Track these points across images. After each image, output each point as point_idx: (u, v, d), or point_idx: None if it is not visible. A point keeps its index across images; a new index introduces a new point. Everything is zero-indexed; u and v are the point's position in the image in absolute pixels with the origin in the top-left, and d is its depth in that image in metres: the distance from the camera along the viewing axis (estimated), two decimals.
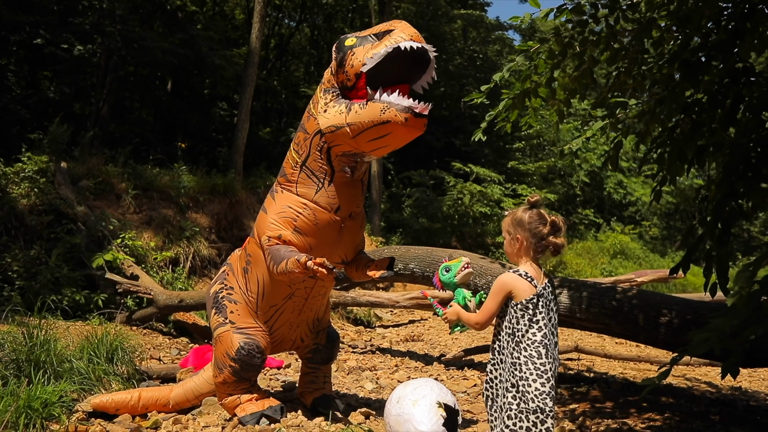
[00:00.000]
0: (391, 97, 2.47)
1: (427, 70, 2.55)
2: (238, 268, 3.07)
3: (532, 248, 2.10)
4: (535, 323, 2.01)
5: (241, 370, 2.89)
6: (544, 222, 2.09)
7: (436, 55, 2.51)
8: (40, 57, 10.51)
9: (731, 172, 2.56)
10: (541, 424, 1.95)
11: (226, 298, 3.04)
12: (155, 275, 6.64)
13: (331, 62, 2.77)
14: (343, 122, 2.60)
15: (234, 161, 10.71)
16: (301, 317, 3.08)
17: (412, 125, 2.46)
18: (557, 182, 17.79)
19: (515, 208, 2.20)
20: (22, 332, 3.42)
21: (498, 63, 18.12)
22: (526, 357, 1.99)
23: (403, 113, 2.44)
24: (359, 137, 2.58)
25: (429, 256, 4.82)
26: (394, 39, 2.45)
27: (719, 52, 2.67)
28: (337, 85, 2.70)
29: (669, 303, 3.68)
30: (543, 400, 1.95)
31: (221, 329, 2.98)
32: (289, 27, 17.89)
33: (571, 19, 3.26)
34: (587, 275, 13.05)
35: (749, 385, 4.80)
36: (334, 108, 2.66)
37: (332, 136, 2.66)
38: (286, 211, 2.77)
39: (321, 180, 2.75)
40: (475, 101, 3.73)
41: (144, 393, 3.17)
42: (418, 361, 5.17)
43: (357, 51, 2.58)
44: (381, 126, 2.49)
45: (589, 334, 6.71)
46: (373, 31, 2.61)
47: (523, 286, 2.04)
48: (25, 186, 6.42)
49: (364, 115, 2.52)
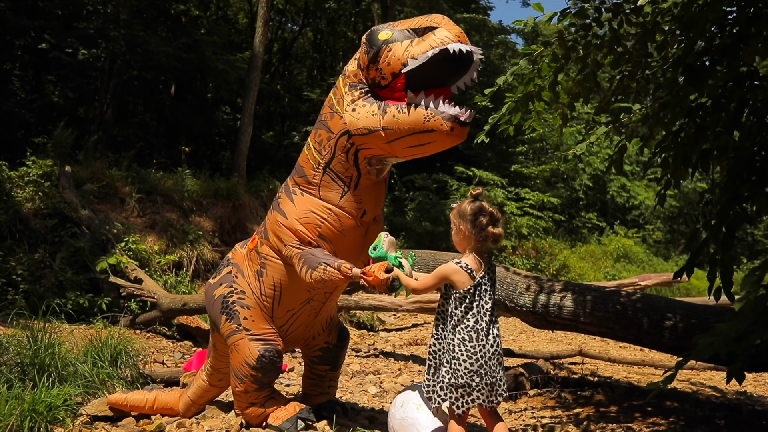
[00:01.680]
0: (437, 103, 2.30)
1: (468, 71, 2.37)
2: (248, 270, 2.87)
3: (474, 238, 2.31)
4: (469, 310, 2.28)
5: (263, 377, 2.76)
6: (484, 213, 2.30)
7: (482, 57, 2.33)
8: (45, 61, 10.57)
9: (735, 175, 2.56)
10: (467, 395, 2.24)
11: (238, 303, 2.82)
12: (159, 279, 6.66)
13: (357, 53, 2.55)
14: (377, 125, 2.40)
15: (237, 165, 10.73)
16: (317, 319, 2.96)
17: (456, 135, 2.32)
18: (560, 186, 17.76)
19: (461, 201, 2.40)
20: (27, 336, 3.43)
21: (501, 67, 18.12)
22: (460, 339, 2.25)
23: (448, 122, 2.28)
24: (395, 143, 2.40)
25: (432, 259, 4.82)
26: (440, 39, 2.24)
27: (723, 56, 2.67)
28: (366, 81, 2.48)
29: (673, 307, 3.67)
30: (471, 377, 2.23)
31: (236, 337, 2.79)
32: (292, 31, 17.95)
33: (574, 22, 3.26)
34: (590, 279, 13.00)
35: (754, 389, 4.78)
36: (364, 108, 2.44)
37: (362, 139, 2.46)
38: (309, 216, 2.59)
39: (347, 184, 2.57)
40: (479, 105, 3.73)
41: (160, 396, 3.18)
42: (421, 365, 5.16)
43: (394, 48, 2.34)
44: (423, 134, 2.33)
45: (593, 338, 6.69)
46: (411, 25, 2.38)
47: (462, 278, 2.28)
48: (30, 190, 6.45)
49: (404, 121, 2.34)
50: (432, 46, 2.25)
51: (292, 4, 16.60)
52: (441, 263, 4.69)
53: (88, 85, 12.08)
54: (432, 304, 6.70)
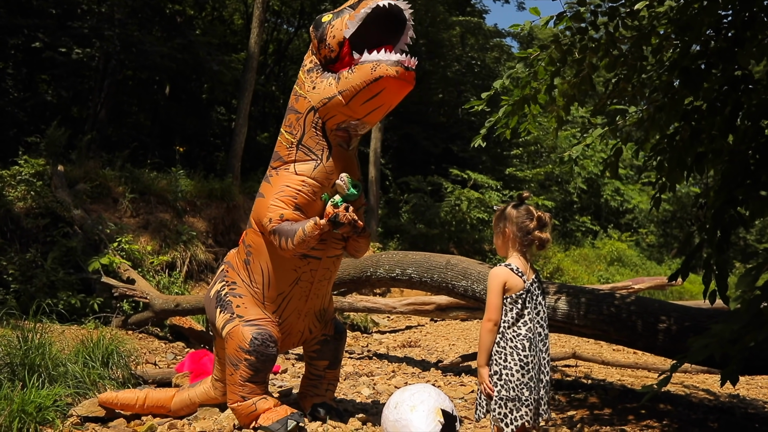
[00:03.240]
0: (379, 54, 2.52)
1: (404, 30, 2.60)
2: (237, 262, 3.01)
3: (519, 242, 2.24)
4: (521, 317, 2.17)
5: (257, 361, 2.78)
6: (531, 217, 2.24)
7: (411, 11, 2.56)
8: (39, 60, 10.50)
9: (730, 179, 2.57)
10: (516, 411, 2.11)
11: (230, 294, 2.95)
12: (152, 279, 6.62)
13: (309, 46, 2.84)
14: (334, 92, 2.63)
15: (231, 166, 10.70)
16: (309, 305, 2.99)
17: (403, 78, 2.50)
18: (554, 189, 17.82)
19: (505, 204, 2.35)
20: (17, 336, 3.40)
21: (496, 70, 18.18)
22: (512, 348, 2.14)
23: (393, 66, 2.48)
24: (352, 102, 2.61)
25: (427, 261, 4.81)
26: (371, 2, 2.51)
27: (719, 59, 2.68)
28: (320, 63, 2.74)
29: (667, 310, 3.68)
30: (521, 390, 2.10)
31: (230, 325, 2.87)
32: (287, 32, 17.93)
33: (570, 26, 3.27)
34: (584, 282, 13.04)
35: (747, 392, 4.79)
36: (322, 83, 2.70)
37: (325, 109, 2.69)
38: (285, 190, 2.75)
39: (319, 156, 2.75)
40: (475, 109, 3.73)
41: (150, 395, 3.15)
42: (415, 367, 5.15)
43: (335, 23, 2.64)
44: (373, 84, 2.52)
45: (586, 341, 6.70)
46: (348, 4, 2.67)
47: (515, 282, 2.19)
48: (22, 189, 6.40)
49: (354, 78, 2.56)
50: (364, 9, 2.52)
51: (287, 5, 16.58)
52: (435, 265, 4.70)
53: (81, 85, 12.02)
54: (426, 306, 6.69)
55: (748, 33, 2.54)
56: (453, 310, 6.47)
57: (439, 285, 4.65)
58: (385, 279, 5.09)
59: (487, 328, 2.18)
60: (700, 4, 2.78)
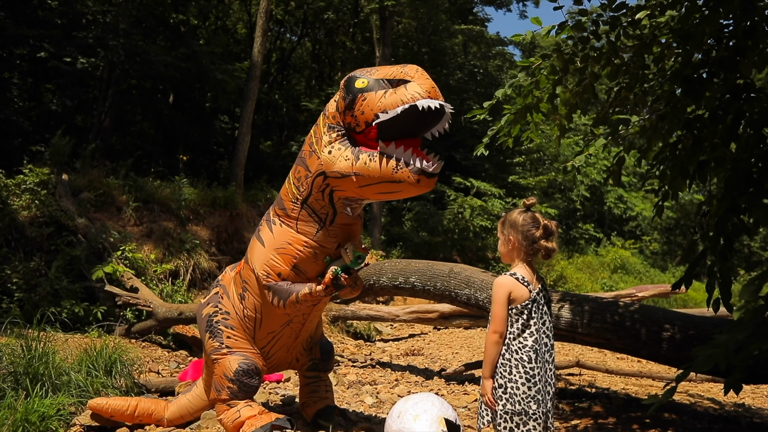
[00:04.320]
0: (405, 155, 2.37)
1: (441, 121, 2.42)
2: (233, 293, 3.01)
3: (524, 250, 2.17)
4: (527, 328, 2.10)
5: (239, 391, 2.86)
6: (537, 225, 2.16)
7: (452, 111, 2.39)
8: (44, 70, 10.57)
9: (733, 187, 2.57)
10: (523, 425, 2.04)
11: (222, 323, 2.97)
12: (155, 288, 6.62)
13: (337, 95, 2.64)
14: (349, 171, 2.48)
15: (235, 174, 10.73)
16: (297, 341, 3.08)
17: (423, 185, 2.39)
18: (557, 196, 17.81)
19: (512, 210, 2.27)
20: (21, 344, 3.40)
21: (498, 78, 18.24)
22: (517, 360, 2.07)
23: (415, 174, 2.35)
24: (366, 188, 2.50)
25: (429, 269, 4.81)
26: (411, 95, 2.31)
27: (721, 68, 2.69)
28: (343, 125, 2.56)
29: (671, 318, 3.67)
30: (528, 404, 2.04)
31: (217, 354, 2.94)
32: (290, 41, 18.03)
33: (572, 35, 3.28)
34: (587, 290, 13.01)
35: (752, 401, 4.76)
36: (339, 151, 2.53)
37: (336, 182, 2.56)
38: (286, 248, 2.71)
39: (322, 220, 2.68)
40: (477, 118, 3.75)
41: (141, 403, 3.15)
42: (418, 375, 5.13)
43: (369, 97, 2.41)
44: (391, 184, 2.41)
45: (590, 349, 6.67)
46: (387, 75, 2.44)
47: (521, 291, 2.12)
48: (26, 198, 6.42)
49: (374, 169, 2.42)
50: (403, 101, 2.32)
51: (290, 14, 16.69)
52: (438, 273, 4.70)
53: (86, 94, 12.09)
54: (429, 315, 6.69)
55: (750, 42, 2.55)
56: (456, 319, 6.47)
57: (442, 293, 4.65)
58: (388, 287, 5.10)
59: (493, 340, 2.11)
60: (701, 13, 2.80)
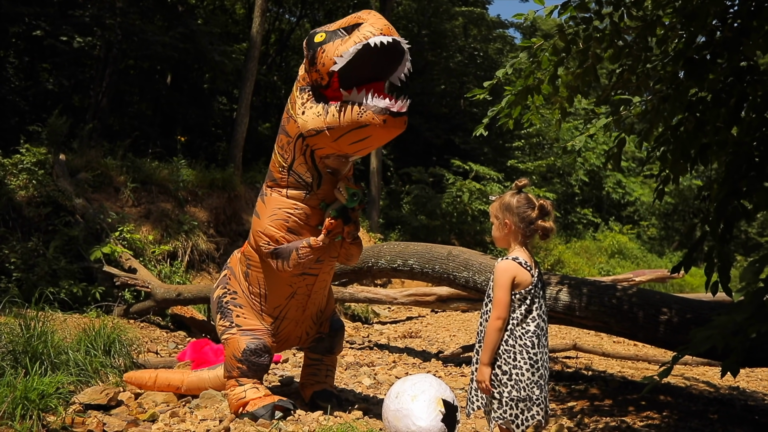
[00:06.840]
0: (367, 98, 2.38)
1: (401, 63, 2.44)
2: (239, 272, 3.06)
3: (521, 233, 2.12)
4: (530, 313, 2.07)
5: (248, 370, 2.90)
6: (532, 206, 2.12)
7: (409, 47, 2.40)
8: (40, 49, 10.46)
9: (734, 170, 2.55)
10: (527, 411, 2.02)
11: (231, 303, 3.04)
12: (153, 269, 6.63)
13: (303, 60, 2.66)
14: (322, 125, 2.51)
15: (233, 156, 10.68)
16: (306, 314, 3.07)
17: (391, 125, 2.38)
18: (556, 181, 17.79)
19: (503, 193, 2.22)
20: (20, 324, 3.40)
21: (499, 61, 18.08)
22: (521, 346, 2.04)
23: (380, 115, 2.35)
24: (340, 140, 2.51)
25: (428, 252, 4.81)
26: (363, 34, 2.31)
27: (724, 50, 2.66)
28: (311, 83, 2.60)
29: (669, 302, 3.68)
30: (531, 389, 2.02)
31: (228, 333, 2.98)
32: (289, 22, 17.83)
33: (575, 16, 3.24)
34: (585, 274, 13.04)
35: (747, 384, 4.80)
36: (311, 110, 2.56)
37: (313, 140, 2.59)
38: (277, 213, 2.75)
39: (309, 184, 2.71)
40: (477, 97, 3.71)
41: (161, 374, 3.37)
42: (416, 357, 5.16)
43: (327, 48, 2.44)
44: (360, 129, 2.42)
45: (587, 333, 6.71)
46: (342, 25, 2.48)
47: (524, 275, 2.07)
48: (24, 178, 6.40)
49: (341, 119, 2.44)
50: (355, 42, 2.32)
51: None
52: (437, 256, 4.70)
53: (83, 74, 11.98)
54: (427, 298, 6.70)
55: (754, 23, 2.52)
56: (454, 302, 6.48)
57: (441, 276, 4.65)
58: (386, 270, 5.10)
59: (497, 326, 2.05)
60: None
